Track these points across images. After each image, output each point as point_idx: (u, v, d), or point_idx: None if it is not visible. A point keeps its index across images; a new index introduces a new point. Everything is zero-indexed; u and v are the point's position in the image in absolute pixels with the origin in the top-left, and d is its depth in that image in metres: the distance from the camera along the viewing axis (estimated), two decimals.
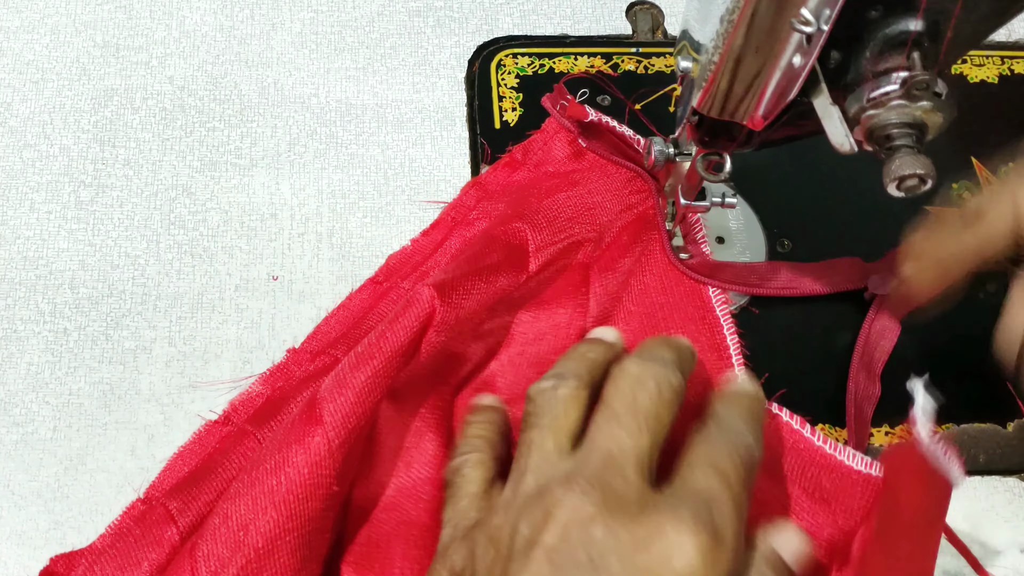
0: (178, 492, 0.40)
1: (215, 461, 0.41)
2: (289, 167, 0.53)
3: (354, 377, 0.38)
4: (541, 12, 0.59)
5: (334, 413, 0.37)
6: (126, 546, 0.38)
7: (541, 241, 0.46)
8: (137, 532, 0.39)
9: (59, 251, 0.50)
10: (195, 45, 0.57)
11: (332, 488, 0.36)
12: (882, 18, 0.33)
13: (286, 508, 0.35)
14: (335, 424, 0.37)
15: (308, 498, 0.36)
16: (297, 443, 0.37)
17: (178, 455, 0.43)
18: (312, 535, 0.36)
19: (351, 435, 0.37)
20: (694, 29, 0.39)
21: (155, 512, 0.39)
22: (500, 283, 0.44)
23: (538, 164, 0.52)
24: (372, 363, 0.39)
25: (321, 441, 0.36)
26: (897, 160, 0.32)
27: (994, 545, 0.45)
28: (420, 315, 0.40)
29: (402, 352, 0.39)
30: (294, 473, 0.36)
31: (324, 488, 0.36)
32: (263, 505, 0.36)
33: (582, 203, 0.48)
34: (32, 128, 0.53)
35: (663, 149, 0.46)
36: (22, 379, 0.47)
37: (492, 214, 0.49)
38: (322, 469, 0.36)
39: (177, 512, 0.39)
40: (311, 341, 0.46)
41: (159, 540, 0.38)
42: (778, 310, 0.50)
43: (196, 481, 0.40)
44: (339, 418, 0.37)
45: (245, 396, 0.44)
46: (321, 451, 0.36)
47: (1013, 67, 0.58)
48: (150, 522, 0.39)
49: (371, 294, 0.48)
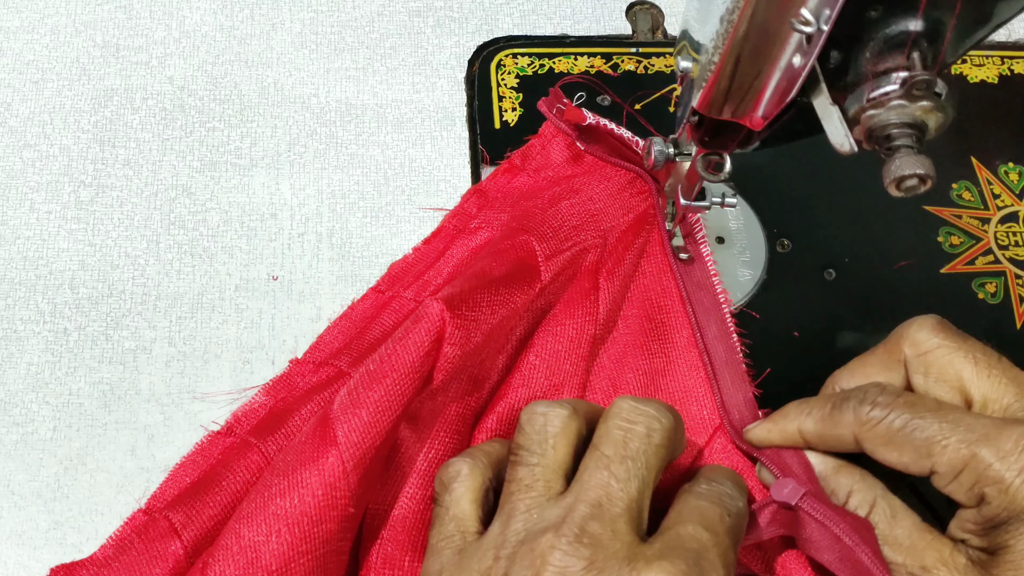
0: (180, 504, 0.40)
1: (218, 473, 0.41)
2: (289, 167, 0.53)
3: (368, 396, 0.38)
4: (541, 12, 0.59)
5: (349, 433, 0.37)
6: (129, 559, 0.38)
7: (549, 250, 0.46)
8: (140, 545, 0.39)
9: (59, 251, 0.50)
10: (195, 45, 0.57)
11: (348, 510, 0.36)
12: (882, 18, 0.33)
13: (300, 530, 0.35)
14: (350, 444, 0.36)
15: (323, 520, 0.35)
16: (311, 463, 0.36)
17: (180, 465, 0.42)
18: (327, 557, 0.36)
19: (366, 455, 0.36)
20: (694, 29, 0.39)
21: (158, 525, 0.39)
22: (511, 296, 0.43)
23: (538, 169, 0.51)
24: (385, 381, 0.38)
25: (336, 462, 0.36)
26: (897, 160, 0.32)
27: None
28: (430, 330, 0.39)
29: (415, 369, 0.38)
30: (308, 494, 0.35)
31: (339, 510, 0.36)
32: (276, 527, 0.35)
33: (585, 210, 0.48)
34: (32, 128, 0.53)
35: (663, 149, 0.46)
36: (22, 379, 0.47)
37: (494, 223, 0.49)
38: (337, 491, 0.36)
39: (180, 526, 0.39)
40: (314, 351, 0.46)
41: (163, 555, 0.38)
42: (777, 310, 0.50)
43: (198, 493, 0.40)
44: (354, 438, 0.36)
45: (248, 407, 0.44)
46: (336, 472, 0.36)
47: (1013, 67, 0.58)
48: (153, 535, 0.39)
49: (373, 303, 0.47)
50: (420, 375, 0.38)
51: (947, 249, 0.52)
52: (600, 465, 0.36)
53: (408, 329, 0.40)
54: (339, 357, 0.44)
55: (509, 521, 0.36)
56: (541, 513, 0.35)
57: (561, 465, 0.37)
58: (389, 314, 0.46)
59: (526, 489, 0.36)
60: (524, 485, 0.36)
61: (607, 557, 0.33)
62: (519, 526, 0.35)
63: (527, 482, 0.36)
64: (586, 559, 0.33)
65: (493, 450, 0.40)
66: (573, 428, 0.38)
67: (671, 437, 0.37)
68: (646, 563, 0.33)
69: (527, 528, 0.35)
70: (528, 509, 0.36)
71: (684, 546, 0.34)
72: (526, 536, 0.34)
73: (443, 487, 0.38)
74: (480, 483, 0.38)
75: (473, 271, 0.44)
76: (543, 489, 0.36)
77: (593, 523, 0.34)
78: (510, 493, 0.37)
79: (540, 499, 0.36)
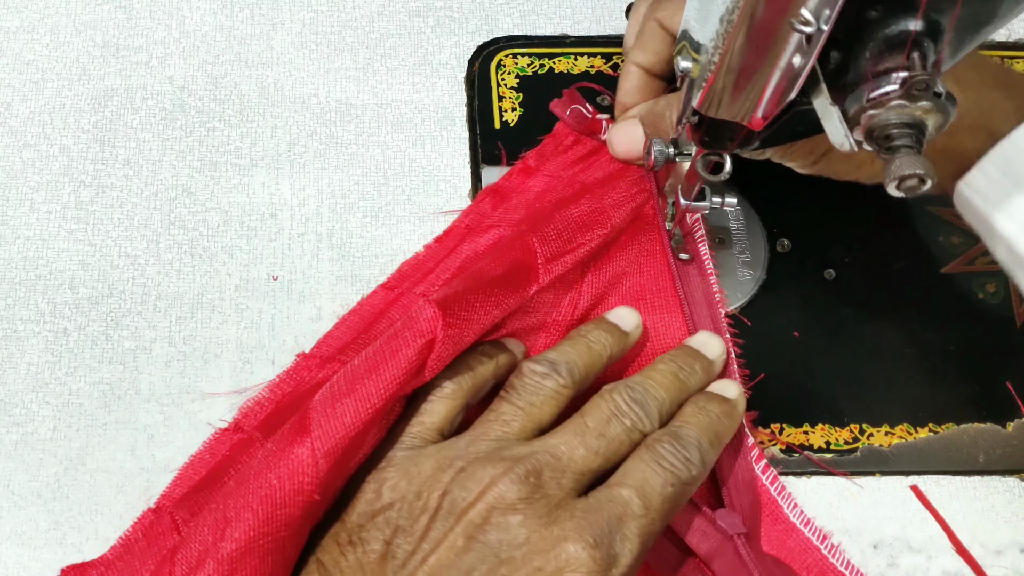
0: (185, 501, 0.40)
1: (222, 469, 0.41)
2: (289, 167, 0.53)
3: (349, 389, 0.38)
4: (541, 12, 0.59)
5: (323, 424, 0.37)
6: (132, 557, 0.39)
7: (550, 253, 0.46)
8: (143, 543, 0.39)
9: (59, 251, 0.50)
10: (195, 45, 0.57)
11: (313, 496, 0.36)
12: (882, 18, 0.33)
13: (264, 512, 0.35)
14: (322, 435, 0.37)
15: (287, 504, 0.36)
16: (283, 450, 0.37)
17: (189, 464, 0.42)
18: (287, 540, 0.36)
19: (338, 446, 0.37)
20: (694, 29, 0.39)
21: (162, 522, 0.40)
22: (506, 297, 0.43)
23: (551, 169, 0.52)
24: (370, 376, 0.38)
25: (306, 451, 0.36)
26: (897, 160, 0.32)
27: (994, 545, 0.45)
28: (421, 331, 0.39)
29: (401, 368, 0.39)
30: (274, 478, 0.36)
31: (305, 495, 0.36)
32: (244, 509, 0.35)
33: (591, 209, 0.48)
34: (32, 128, 0.53)
35: (663, 149, 0.46)
36: (22, 379, 0.47)
37: (507, 222, 0.49)
38: (304, 477, 0.36)
39: (182, 522, 0.39)
40: (321, 346, 0.46)
41: (161, 550, 0.39)
42: (777, 310, 0.50)
43: (201, 490, 0.40)
44: (327, 429, 0.37)
45: (254, 402, 0.44)
46: (304, 459, 0.36)
47: (1013, 67, 0.58)
48: (156, 532, 0.39)
49: (383, 300, 0.47)
50: (406, 373, 0.38)
51: (947, 249, 0.52)
52: (577, 431, 0.39)
53: (398, 330, 0.40)
54: (346, 352, 0.45)
55: (475, 441, 0.39)
56: (507, 446, 0.38)
57: (542, 421, 0.40)
58: (397, 310, 0.46)
59: (503, 424, 0.40)
60: (503, 420, 0.40)
61: (541, 498, 0.36)
62: (482, 448, 0.38)
63: (506, 418, 0.40)
64: (524, 495, 0.36)
65: (479, 374, 0.42)
66: (565, 395, 0.41)
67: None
68: (569, 515, 0.36)
69: (488, 452, 0.38)
70: (497, 439, 0.39)
71: (609, 510, 0.37)
72: (486, 458, 0.38)
73: (424, 394, 0.41)
74: (457, 405, 0.41)
75: (471, 271, 0.44)
76: (518, 430, 0.39)
77: (547, 471, 0.37)
78: (487, 421, 0.40)
79: (511, 436, 0.39)
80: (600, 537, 0.35)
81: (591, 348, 0.43)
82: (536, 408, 0.40)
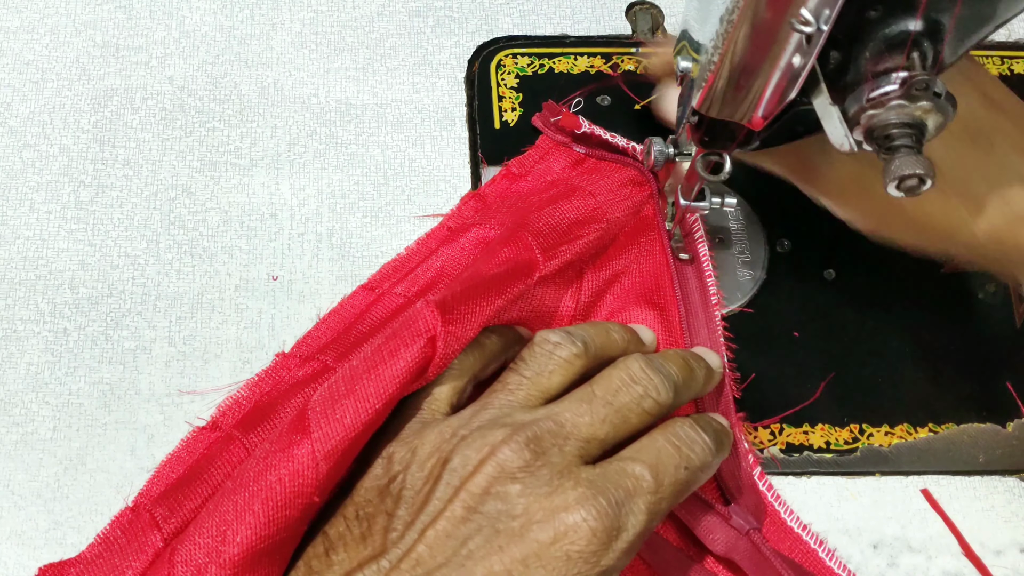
0: (164, 499, 0.40)
1: (201, 467, 0.41)
2: (289, 167, 0.53)
3: (349, 390, 0.38)
4: (541, 12, 0.59)
5: (323, 425, 0.37)
6: (112, 555, 0.38)
7: (546, 244, 0.46)
8: (123, 540, 0.39)
9: (59, 251, 0.50)
10: (195, 45, 0.57)
11: (312, 499, 0.36)
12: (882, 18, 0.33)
13: (265, 515, 0.35)
14: (322, 436, 0.37)
15: (288, 506, 0.36)
16: (283, 451, 0.36)
17: (166, 461, 0.42)
18: (284, 543, 0.36)
19: (338, 447, 0.37)
20: (694, 29, 0.39)
21: (141, 519, 0.39)
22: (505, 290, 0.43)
23: (536, 177, 0.52)
24: (369, 377, 0.38)
25: (306, 452, 0.36)
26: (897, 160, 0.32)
27: (994, 545, 0.45)
28: (421, 330, 0.39)
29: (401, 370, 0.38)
30: (275, 480, 0.36)
31: (304, 498, 0.36)
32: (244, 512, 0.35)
33: (585, 204, 0.48)
34: (32, 128, 0.53)
35: (663, 149, 0.46)
36: (22, 379, 0.47)
37: (489, 221, 0.49)
38: (304, 479, 0.36)
39: (162, 519, 0.39)
40: (300, 346, 0.46)
41: (143, 547, 0.38)
42: (777, 310, 0.50)
43: (181, 487, 0.40)
44: (327, 431, 0.37)
45: (232, 401, 0.44)
46: (305, 460, 0.36)
47: (1013, 67, 0.58)
48: (135, 529, 0.39)
49: (363, 300, 0.47)
50: (406, 373, 0.38)
51: None
52: (584, 399, 0.38)
53: (398, 331, 0.39)
54: (325, 352, 0.45)
55: (480, 411, 0.39)
56: (511, 413, 0.38)
57: (549, 390, 0.39)
58: (377, 310, 0.46)
59: (508, 392, 0.39)
60: (509, 389, 0.39)
61: (543, 466, 0.36)
62: (487, 416, 0.38)
63: (512, 387, 0.39)
64: (525, 461, 0.35)
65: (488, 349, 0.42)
66: (577, 366, 0.40)
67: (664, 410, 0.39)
68: (573, 484, 0.35)
69: (491, 420, 0.38)
70: (501, 407, 0.39)
71: (619, 483, 0.36)
72: (488, 426, 0.37)
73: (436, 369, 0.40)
74: (466, 380, 0.41)
75: (468, 273, 0.44)
76: (523, 399, 0.39)
77: (548, 437, 0.36)
78: (494, 391, 0.40)
79: (515, 404, 0.39)
80: (603, 508, 0.34)
81: (609, 333, 0.42)
82: (544, 378, 0.39)
